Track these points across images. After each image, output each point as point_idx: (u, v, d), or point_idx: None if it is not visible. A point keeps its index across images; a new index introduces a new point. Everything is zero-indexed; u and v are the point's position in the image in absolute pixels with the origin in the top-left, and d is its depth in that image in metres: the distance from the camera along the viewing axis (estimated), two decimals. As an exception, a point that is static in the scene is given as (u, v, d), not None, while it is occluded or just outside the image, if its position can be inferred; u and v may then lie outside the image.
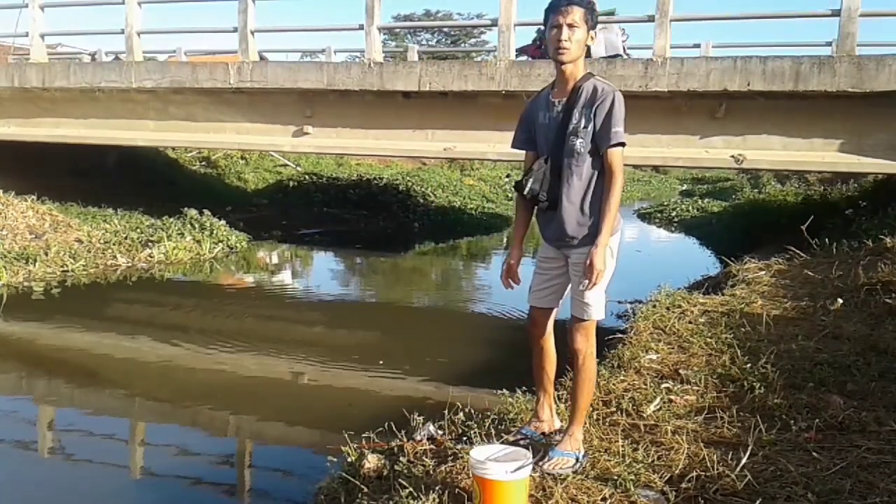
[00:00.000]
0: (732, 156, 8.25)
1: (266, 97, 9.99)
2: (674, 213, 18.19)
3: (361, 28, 9.38)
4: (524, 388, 3.76)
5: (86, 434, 4.81)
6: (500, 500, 2.51)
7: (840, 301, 5.64)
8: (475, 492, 2.58)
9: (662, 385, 3.85)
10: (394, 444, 3.46)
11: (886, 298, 5.47)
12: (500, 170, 22.76)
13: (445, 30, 32.36)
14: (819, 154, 8.07)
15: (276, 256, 12.34)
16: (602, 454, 2.97)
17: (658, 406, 3.52)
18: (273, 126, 10.22)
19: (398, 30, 28.31)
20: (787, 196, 14.15)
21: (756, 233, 10.87)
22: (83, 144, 11.37)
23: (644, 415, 3.43)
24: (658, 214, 18.68)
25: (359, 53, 11.64)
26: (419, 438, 3.46)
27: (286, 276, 11.27)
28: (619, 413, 3.46)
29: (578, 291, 2.88)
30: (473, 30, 31.15)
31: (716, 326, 5.11)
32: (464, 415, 3.60)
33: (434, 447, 3.34)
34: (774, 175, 20.61)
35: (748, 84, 7.68)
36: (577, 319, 2.91)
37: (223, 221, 11.61)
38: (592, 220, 2.83)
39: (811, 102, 7.82)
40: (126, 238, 10.39)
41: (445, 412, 3.64)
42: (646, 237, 15.90)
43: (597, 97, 2.79)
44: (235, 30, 9.87)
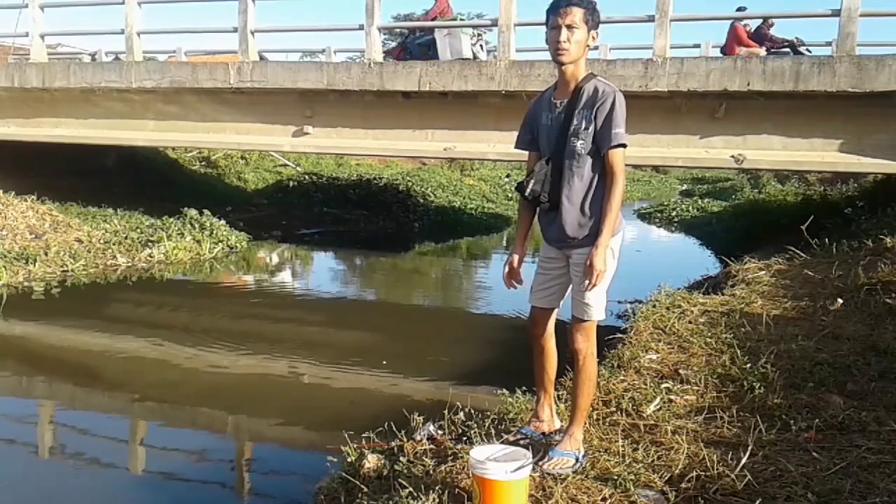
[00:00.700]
0: (732, 156, 8.25)
1: (266, 97, 9.99)
2: (674, 213, 18.20)
3: (361, 28, 9.39)
4: (524, 388, 3.76)
5: (86, 434, 4.81)
6: (500, 500, 2.51)
7: (840, 301, 5.64)
8: (475, 492, 2.58)
9: (662, 385, 3.85)
10: (394, 444, 3.46)
11: (886, 298, 5.47)
12: (500, 170, 22.77)
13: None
14: (819, 154, 8.07)
15: (276, 256, 12.34)
16: (602, 454, 2.97)
17: (658, 406, 3.52)
18: (273, 126, 10.22)
19: (398, 30, 28.30)
20: (787, 196, 14.16)
21: (756, 233, 10.87)
22: (83, 144, 11.36)
23: (644, 415, 3.43)
24: (658, 214, 18.70)
25: (359, 53, 11.65)
26: (419, 438, 3.45)
27: (286, 277, 11.27)
28: (619, 413, 3.46)
29: (579, 292, 2.88)
30: (473, 30, 31.18)
31: (716, 326, 5.11)
32: (464, 415, 3.60)
33: (434, 447, 3.34)
34: (774, 175, 20.65)
35: (748, 84, 7.68)
36: (578, 320, 2.90)
37: (223, 221, 11.62)
38: (593, 221, 2.82)
39: (811, 102, 7.83)
40: (126, 238, 10.39)
41: (445, 412, 3.64)
42: (646, 237, 15.89)
43: (597, 98, 2.79)
44: (235, 30, 9.87)
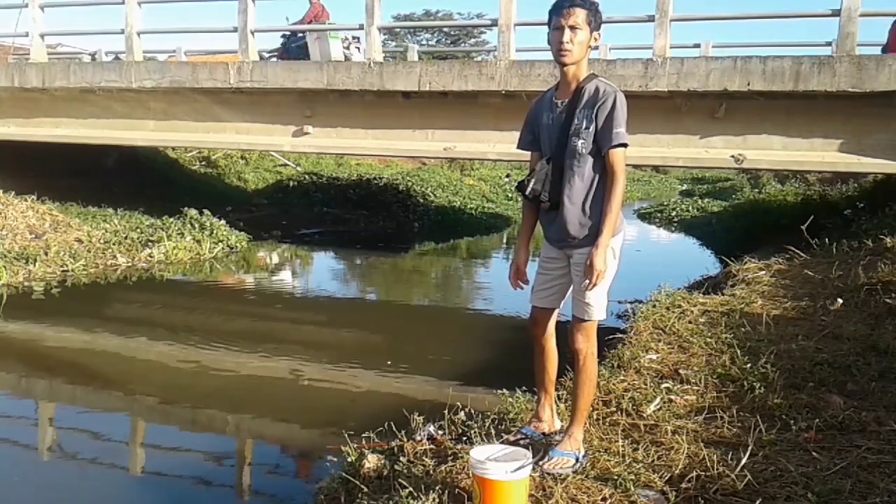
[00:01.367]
0: (732, 156, 8.25)
1: (266, 97, 9.99)
2: (674, 213, 18.19)
3: (361, 28, 9.39)
4: (524, 388, 3.76)
5: (86, 434, 4.81)
6: (500, 500, 2.51)
7: (840, 301, 5.64)
8: (475, 492, 2.58)
9: (662, 385, 3.85)
10: (394, 444, 3.46)
11: (886, 298, 5.47)
12: (500, 170, 22.76)
13: (445, 30, 32.39)
14: (819, 154, 8.07)
15: (276, 256, 12.33)
16: (602, 454, 2.97)
17: (658, 406, 3.52)
18: (273, 126, 10.22)
19: (398, 30, 28.32)
20: (787, 196, 14.15)
21: (756, 233, 10.86)
22: (83, 144, 11.36)
23: (644, 415, 3.43)
24: (658, 214, 18.70)
25: (359, 53, 11.63)
26: (419, 438, 3.45)
27: (286, 276, 11.26)
28: (619, 413, 3.46)
29: (580, 292, 2.88)
30: (473, 30, 31.20)
31: (716, 326, 5.11)
32: (464, 415, 3.60)
33: (434, 447, 3.33)
34: (774, 175, 20.62)
35: (748, 84, 7.68)
36: (579, 320, 2.90)
37: (223, 221, 11.61)
38: (594, 221, 2.82)
39: (811, 102, 7.83)
40: (126, 238, 10.39)
41: (445, 412, 3.64)
42: (646, 237, 15.90)
43: (598, 98, 2.79)
44: (235, 30, 9.88)
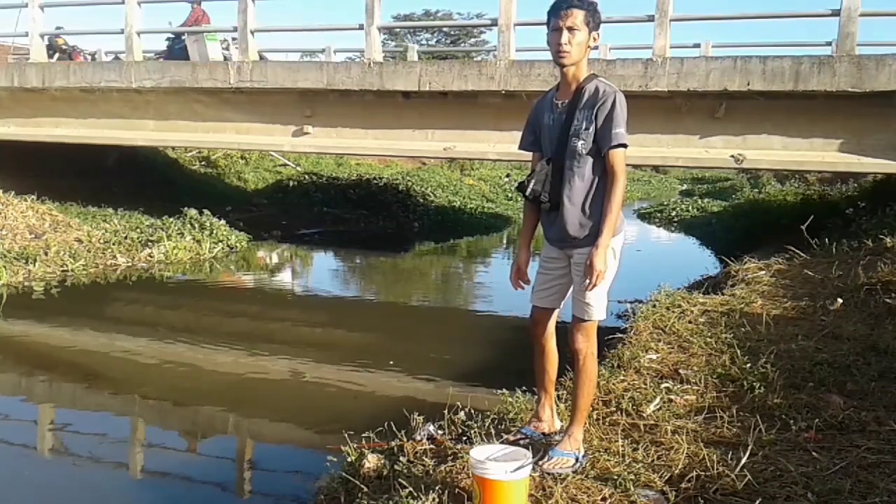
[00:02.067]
0: (732, 156, 8.25)
1: (266, 97, 9.99)
2: (674, 213, 18.20)
3: (361, 28, 9.38)
4: (524, 388, 3.76)
5: (86, 434, 4.80)
6: (500, 500, 2.51)
7: (840, 301, 5.64)
8: (475, 492, 2.58)
9: (662, 385, 3.85)
10: (394, 444, 3.46)
11: (886, 298, 5.47)
12: (500, 170, 22.77)
13: (445, 30, 32.36)
14: (819, 154, 8.07)
15: (276, 256, 12.34)
16: (602, 454, 2.97)
17: (658, 406, 3.52)
18: (273, 126, 10.22)
19: (398, 30, 28.31)
20: (787, 196, 14.14)
21: (756, 233, 10.85)
22: (83, 144, 11.36)
23: (644, 415, 3.43)
24: (658, 214, 18.71)
25: (359, 53, 11.64)
26: (419, 438, 3.45)
27: (286, 276, 11.26)
28: (619, 413, 3.46)
29: (580, 292, 2.88)
30: (473, 30, 31.18)
31: (716, 326, 5.11)
32: (464, 414, 3.60)
33: (434, 447, 3.34)
34: (774, 175, 20.63)
35: (748, 84, 7.68)
36: (579, 319, 2.90)
37: (223, 221, 11.61)
38: (594, 221, 2.82)
39: (811, 102, 7.82)
40: (126, 238, 10.39)
41: (445, 412, 3.64)
42: (646, 237, 15.90)
43: (598, 98, 2.79)
44: (235, 30, 9.87)
